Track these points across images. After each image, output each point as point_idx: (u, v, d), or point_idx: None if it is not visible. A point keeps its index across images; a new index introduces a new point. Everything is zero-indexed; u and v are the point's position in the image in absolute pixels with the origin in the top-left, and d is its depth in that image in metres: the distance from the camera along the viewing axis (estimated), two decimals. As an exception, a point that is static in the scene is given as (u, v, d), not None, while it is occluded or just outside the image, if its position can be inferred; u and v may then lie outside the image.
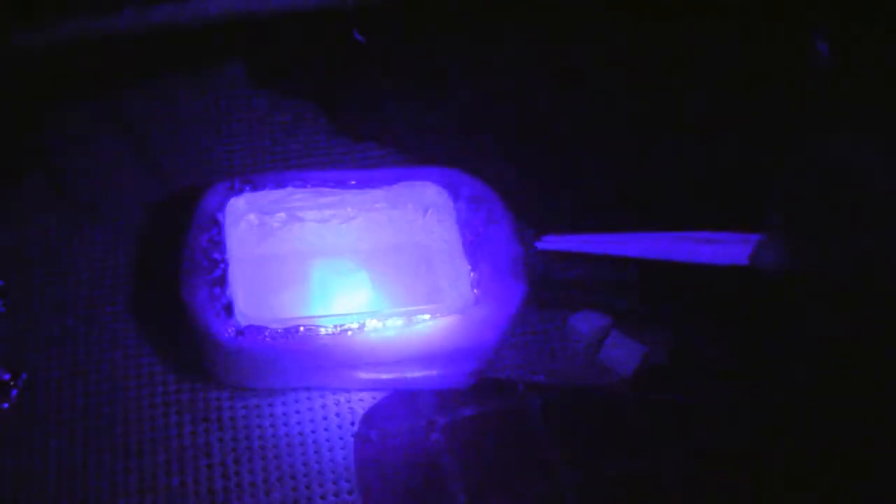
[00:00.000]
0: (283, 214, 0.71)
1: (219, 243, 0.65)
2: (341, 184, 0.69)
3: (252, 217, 0.70)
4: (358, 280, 0.71)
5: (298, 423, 0.67)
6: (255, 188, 0.68)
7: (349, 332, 0.61)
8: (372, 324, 0.62)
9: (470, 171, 0.69)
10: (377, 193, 0.70)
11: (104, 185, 0.77)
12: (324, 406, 0.68)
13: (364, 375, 0.65)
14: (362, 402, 0.68)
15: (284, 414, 0.67)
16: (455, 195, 0.68)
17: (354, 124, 0.83)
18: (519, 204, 0.69)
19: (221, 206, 0.67)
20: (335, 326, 0.61)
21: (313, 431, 0.66)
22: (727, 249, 0.64)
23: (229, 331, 0.61)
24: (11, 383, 0.67)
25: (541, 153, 0.75)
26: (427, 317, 0.62)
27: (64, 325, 0.70)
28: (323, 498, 0.64)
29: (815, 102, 0.58)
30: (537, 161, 0.75)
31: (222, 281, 0.63)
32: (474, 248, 0.66)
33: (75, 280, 0.73)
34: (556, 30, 0.72)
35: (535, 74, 0.76)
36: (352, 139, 0.82)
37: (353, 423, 0.67)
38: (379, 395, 0.68)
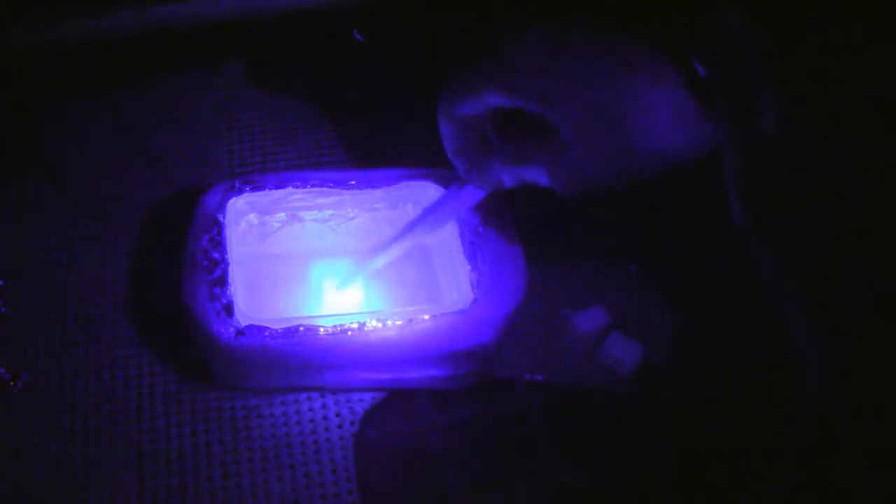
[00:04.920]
0: (283, 214, 0.71)
1: (219, 243, 0.65)
2: (341, 184, 0.69)
3: (252, 217, 0.70)
4: (358, 280, 0.71)
5: (298, 424, 0.67)
6: (255, 188, 0.68)
7: (349, 332, 0.61)
8: (372, 324, 0.62)
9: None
10: (377, 193, 0.70)
11: (104, 185, 0.77)
12: (324, 406, 0.68)
13: (364, 375, 0.65)
14: (362, 402, 0.68)
15: (284, 414, 0.67)
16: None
17: (354, 124, 0.83)
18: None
19: (221, 206, 0.67)
20: (335, 326, 0.61)
21: (313, 431, 0.66)
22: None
23: (229, 331, 0.61)
24: (11, 383, 0.67)
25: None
26: (427, 317, 0.62)
27: (64, 325, 0.70)
28: (323, 498, 0.64)
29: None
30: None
31: (222, 281, 0.63)
32: (474, 248, 0.66)
33: (75, 280, 0.73)
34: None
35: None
36: (352, 139, 0.82)
37: (353, 423, 0.67)
38: (379, 395, 0.68)
